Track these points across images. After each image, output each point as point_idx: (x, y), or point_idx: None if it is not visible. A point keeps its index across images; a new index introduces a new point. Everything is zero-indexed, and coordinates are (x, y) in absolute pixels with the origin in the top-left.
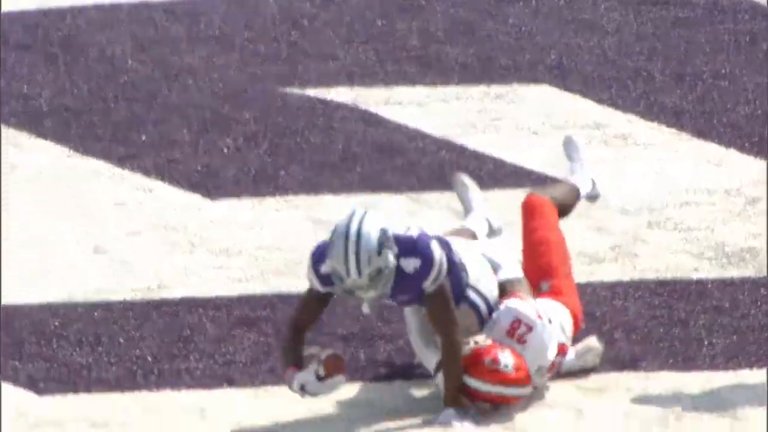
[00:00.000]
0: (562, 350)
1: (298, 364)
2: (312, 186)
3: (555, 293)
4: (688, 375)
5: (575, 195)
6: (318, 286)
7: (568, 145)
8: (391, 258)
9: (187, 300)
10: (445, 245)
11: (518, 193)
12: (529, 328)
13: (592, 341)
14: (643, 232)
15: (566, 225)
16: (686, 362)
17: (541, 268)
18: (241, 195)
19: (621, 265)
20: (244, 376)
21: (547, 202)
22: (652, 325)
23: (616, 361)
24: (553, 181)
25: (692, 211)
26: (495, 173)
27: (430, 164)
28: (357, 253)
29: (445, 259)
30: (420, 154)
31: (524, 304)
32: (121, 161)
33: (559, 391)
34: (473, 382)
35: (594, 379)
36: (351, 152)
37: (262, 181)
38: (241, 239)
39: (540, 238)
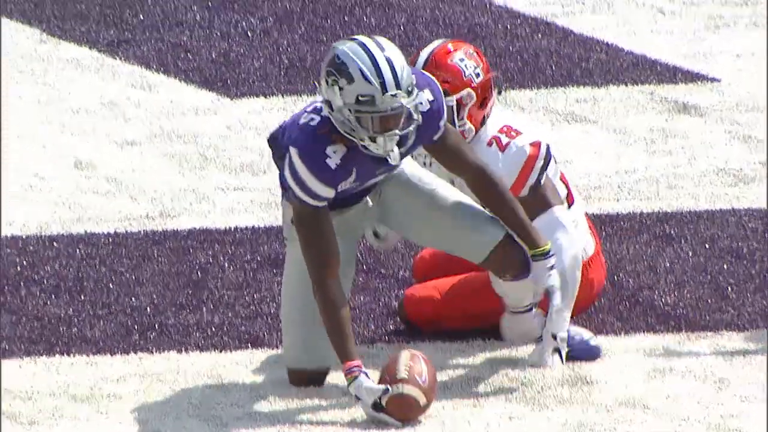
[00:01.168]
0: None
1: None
2: None
3: None
4: None
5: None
6: (329, 193)
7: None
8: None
9: (198, 232)
10: None
11: (637, 92)
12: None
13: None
14: None
15: (700, 129)
16: None
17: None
18: (269, 93)
19: None
20: (272, 334)
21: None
22: None
23: (766, 314)
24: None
25: None
26: (608, 65)
27: (521, 53)
28: (389, 61)
29: None
30: (512, 38)
31: None
32: (110, 48)
33: (690, 355)
34: None
35: (736, 338)
36: (417, 33)
37: (297, 75)
38: (270, 152)
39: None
